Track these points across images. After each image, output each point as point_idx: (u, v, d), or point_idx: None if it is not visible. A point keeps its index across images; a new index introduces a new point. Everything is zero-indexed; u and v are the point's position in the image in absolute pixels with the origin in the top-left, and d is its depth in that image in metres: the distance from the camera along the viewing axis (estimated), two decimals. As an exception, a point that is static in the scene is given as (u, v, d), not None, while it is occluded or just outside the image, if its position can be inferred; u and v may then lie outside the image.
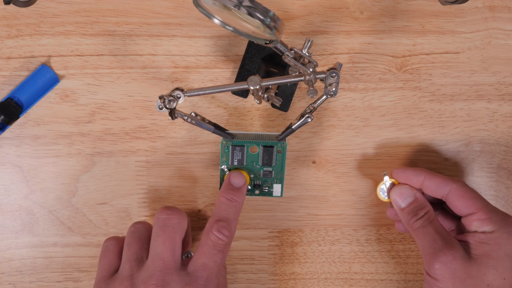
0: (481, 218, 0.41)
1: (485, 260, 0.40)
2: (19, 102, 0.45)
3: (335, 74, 0.39)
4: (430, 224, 0.42)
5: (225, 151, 0.45)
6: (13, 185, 0.47)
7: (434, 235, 0.41)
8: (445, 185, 0.43)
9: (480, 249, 0.40)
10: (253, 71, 0.45)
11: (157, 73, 0.46)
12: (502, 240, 0.40)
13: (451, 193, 0.42)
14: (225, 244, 0.41)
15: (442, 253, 0.40)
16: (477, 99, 0.48)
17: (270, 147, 0.45)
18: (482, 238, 0.40)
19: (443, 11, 0.46)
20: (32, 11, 0.45)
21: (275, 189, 0.46)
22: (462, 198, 0.42)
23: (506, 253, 0.40)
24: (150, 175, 0.48)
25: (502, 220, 0.41)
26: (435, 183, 0.43)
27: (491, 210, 0.41)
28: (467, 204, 0.42)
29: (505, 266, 0.40)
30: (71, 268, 0.49)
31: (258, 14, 0.33)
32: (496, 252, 0.40)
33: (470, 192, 0.42)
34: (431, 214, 0.42)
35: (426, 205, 0.43)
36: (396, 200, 0.44)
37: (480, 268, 0.39)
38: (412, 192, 0.43)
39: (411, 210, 0.43)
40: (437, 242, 0.41)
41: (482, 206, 0.41)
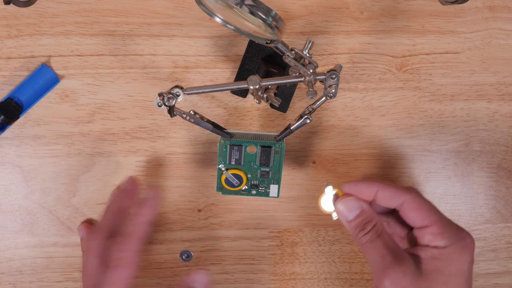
0: (434, 232, 0.39)
1: (436, 276, 0.38)
2: (19, 102, 0.45)
3: (335, 75, 0.39)
4: (378, 238, 0.40)
5: (223, 150, 0.45)
6: (13, 185, 0.47)
7: (383, 250, 0.39)
8: (398, 196, 0.41)
9: (432, 264, 0.38)
10: (253, 71, 0.45)
11: (157, 73, 0.46)
12: (455, 256, 0.38)
13: (405, 204, 0.41)
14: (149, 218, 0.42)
15: (391, 269, 0.38)
16: (477, 99, 0.48)
17: (268, 147, 0.44)
18: (434, 253, 0.39)
19: (443, 11, 0.46)
20: (32, 11, 0.45)
21: (271, 190, 0.46)
22: (416, 210, 0.40)
23: (458, 269, 0.38)
24: (150, 175, 0.48)
25: (456, 235, 0.39)
26: (389, 194, 0.41)
27: (446, 224, 0.40)
28: (421, 217, 0.40)
29: (456, 282, 0.38)
30: (71, 268, 0.49)
31: (260, 13, 0.33)
32: (448, 268, 0.38)
33: (424, 203, 0.40)
34: (379, 227, 0.40)
35: (374, 217, 0.41)
36: (342, 212, 0.41)
37: (431, 285, 0.38)
38: (359, 204, 0.41)
39: (358, 223, 0.40)
40: (386, 258, 0.39)
41: (436, 220, 0.39)
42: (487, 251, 0.50)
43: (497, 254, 0.51)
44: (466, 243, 0.39)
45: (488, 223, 0.50)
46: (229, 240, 0.49)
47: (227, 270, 0.50)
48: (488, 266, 0.51)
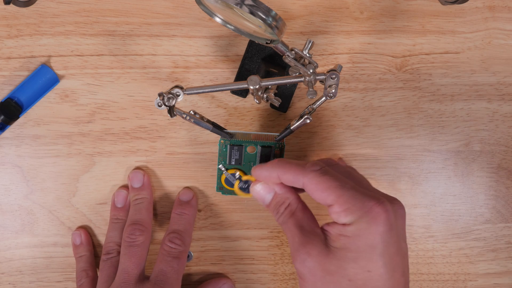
0: (337, 211, 0.36)
1: (343, 253, 0.36)
2: (19, 102, 0.45)
3: (335, 76, 0.39)
4: (289, 219, 0.39)
5: (223, 150, 0.45)
6: (13, 185, 0.47)
7: (293, 230, 0.38)
8: (297, 179, 0.38)
9: (339, 242, 0.36)
10: (253, 71, 0.45)
11: (157, 73, 0.46)
12: (361, 231, 0.36)
13: (306, 187, 0.38)
14: (179, 252, 0.44)
15: (298, 251, 0.37)
16: (477, 99, 0.48)
17: (268, 147, 0.44)
18: (340, 230, 0.36)
19: (443, 11, 0.46)
20: (32, 11, 0.45)
21: None
22: (316, 191, 0.37)
23: (368, 243, 0.35)
24: (150, 175, 0.48)
25: (360, 209, 0.36)
26: (290, 177, 0.39)
27: (349, 199, 0.36)
28: (322, 197, 0.37)
29: (368, 257, 0.35)
30: (71, 268, 0.49)
31: (260, 13, 0.33)
32: (356, 244, 0.36)
33: (323, 182, 0.37)
34: (293, 207, 0.39)
35: (287, 198, 0.39)
36: (258, 199, 0.41)
37: (339, 263, 0.36)
38: (267, 189, 0.40)
39: (273, 206, 0.40)
40: (295, 239, 0.38)
41: (337, 197, 0.36)
42: (487, 251, 0.50)
43: (497, 254, 0.51)
44: (373, 214, 0.36)
45: (488, 223, 0.50)
46: (229, 240, 0.49)
47: (227, 270, 0.50)
48: (488, 266, 0.51)
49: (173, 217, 0.47)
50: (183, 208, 0.47)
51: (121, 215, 0.47)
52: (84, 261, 0.47)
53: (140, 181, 0.47)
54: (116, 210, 0.47)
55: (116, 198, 0.47)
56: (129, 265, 0.43)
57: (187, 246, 0.45)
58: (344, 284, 0.36)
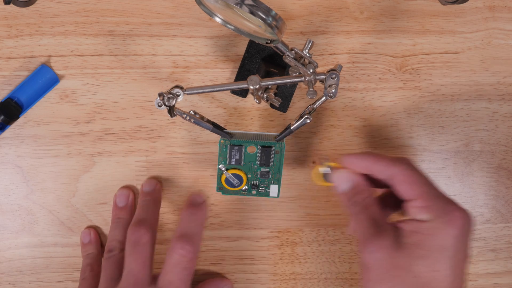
0: (419, 206, 0.38)
1: (414, 250, 0.37)
2: (19, 102, 0.45)
3: (335, 75, 0.39)
4: (364, 210, 0.39)
5: (223, 150, 0.45)
6: (13, 185, 0.47)
7: (366, 222, 0.39)
8: (388, 169, 0.40)
9: (411, 238, 0.37)
10: (253, 71, 0.45)
11: (157, 73, 0.46)
12: (437, 230, 0.37)
13: (394, 177, 0.40)
14: (188, 260, 0.41)
15: (369, 242, 0.38)
16: (477, 99, 0.48)
17: (268, 147, 0.45)
18: (415, 227, 0.38)
19: (443, 11, 0.46)
20: (32, 11, 0.45)
21: (272, 190, 0.46)
22: (404, 183, 0.39)
23: (441, 244, 0.37)
24: (150, 175, 0.48)
25: (441, 209, 0.38)
26: (379, 167, 0.40)
27: (433, 197, 0.38)
28: (408, 190, 0.39)
29: (437, 257, 0.37)
30: (71, 268, 0.49)
31: (260, 13, 0.33)
32: (428, 243, 0.37)
33: (413, 176, 0.39)
34: (369, 200, 0.40)
35: (364, 190, 0.40)
36: (336, 184, 0.42)
37: (408, 259, 0.37)
38: (351, 177, 0.41)
39: (349, 196, 0.41)
40: (366, 231, 0.38)
41: (423, 193, 0.38)
42: (487, 251, 0.50)
43: (497, 254, 0.51)
44: (452, 217, 0.37)
45: (488, 223, 0.50)
46: (229, 240, 0.49)
47: (227, 270, 0.50)
48: (488, 266, 0.51)
49: (183, 218, 0.44)
50: (195, 209, 0.45)
51: (123, 214, 0.47)
52: (91, 258, 0.47)
53: (152, 187, 0.47)
54: (118, 210, 0.47)
55: (118, 198, 0.47)
56: (135, 267, 0.41)
57: (197, 252, 0.42)
58: (408, 279, 0.37)
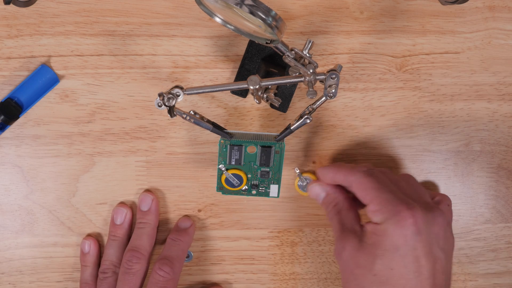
0: (372, 210, 0.41)
1: (373, 249, 0.40)
2: (19, 102, 0.45)
3: (335, 75, 0.39)
4: (335, 216, 0.43)
5: (223, 150, 0.45)
6: (13, 185, 0.47)
7: (337, 226, 0.43)
8: (347, 178, 0.43)
9: (371, 239, 0.40)
10: (253, 71, 0.45)
11: (157, 73, 0.46)
12: (389, 231, 0.39)
13: (352, 186, 0.43)
14: (166, 281, 0.44)
15: (337, 243, 0.42)
16: (477, 99, 0.48)
17: (268, 147, 0.44)
18: (373, 228, 0.40)
19: (443, 11, 0.46)
20: (32, 11, 0.45)
21: (272, 190, 0.46)
22: (359, 190, 0.42)
23: (393, 243, 0.39)
24: (150, 175, 0.48)
25: (391, 211, 0.40)
26: (341, 177, 0.44)
27: (383, 201, 0.40)
28: (362, 196, 0.42)
29: (391, 257, 0.39)
30: (71, 268, 0.49)
31: (260, 13, 0.33)
32: (384, 243, 0.39)
33: (366, 183, 0.42)
34: (339, 206, 0.44)
35: (335, 198, 0.44)
36: (313, 197, 0.46)
37: (368, 258, 0.40)
38: (322, 188, 0.45)
39: (324, 204, 0.45)
40: (336, 233, 0.42)
41: (374, 197, 0.41)
42: (487, 251, 0.50)
43: (497, 254, 0.51)
44: (399, 217, 0.39)
45: (488, 223, 0.50)
46: (229, 240, 0.49)
47: (227, 270, 0.50)
48: (488, 266, 0.51)
49: (168, 242, 0.47)
50: (179, 235, 0.47)
51: (119, 233, 0.47)
52: (88, 274, 0.48)
53: (147, 205, 0.47)
54: (114, 227, 0.48)
55: (115, 214, 0.48)
56: None
57: (177, 274, 0.45)
58: (369, 277, 0.40)
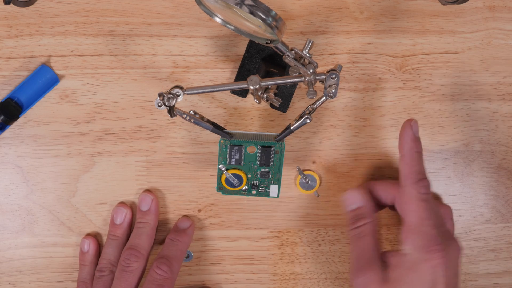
0: (404, 237, 0.40)
1: (397, 285, 0.39)
2: (19, 102, 0.45)
3: (335, 75, 0.39)
4: (362, 238, 0.41)
5: (223, 150, 0.45)
6: (13, 185, 0.47)
7: (361, 251, 0.41)
8: (396, 191, 0.43)
9: (395, 272, 0.39)
10: (253, 71, 0.45)
11: (157, 73, 0.46)
12: (416, 265, 0.39)
13: (400, 201, 0.42)
14: (163, 279, 0.44)
15: (361, 273, 0.40)
16: (477, 99, 0.48)
17: (268, 147, 0.44)
18: (398, 261, 0.40)
19: (443, 11, 0.46)
20: (32, 11, 0.45)
21: (272, 190, 0.46)
22: (406, 210, 0.41)
23: (420, 278, 0.38)
24: (150, 175, 0.48)
25: (423, 242, 0.39)
26: (381, 190, 0.44)
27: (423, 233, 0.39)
28: (406, 215, 0.41)
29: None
30: (71, 268, 0.49)
31: (260, 13, 0.33)
32: (410, 277, 0.38)
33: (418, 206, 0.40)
34: (369, 228, 0.42)
35: (369, 216, 0.42)
36: (344, 201, 0.45)
37: None
38: (361, 198, 0.44)
39: (354, 216, 0.43)
40: (360, 260, 0.40)
41: (411, 224, 0.40)
42: (487, 251, 0.50)
43: (497, 254, 0.51)
44: (430, 252, 0.39)
45: (488, 223, 0.50)
46: (229, 240, 0.49)
47: (227, 270, 0.50)
48: (488, 266, 0.51)
49: (166, 242, 0.47)
50: (178, 235, 0.47)
51: (118, 232, 0.47)
52: (86, 273, 0.47)
53: (147, 205, 0.47)
54: (114, 227, 0.47)
55: (114, 214, 0.48)
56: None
57: (175, 273, 0.45)
58: None
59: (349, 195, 0.44)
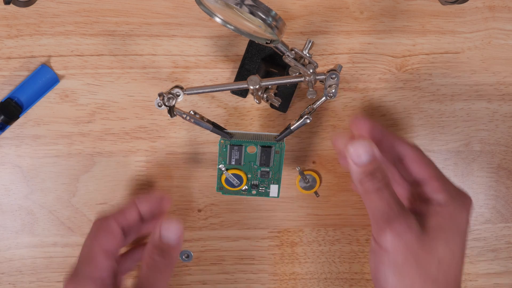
0: (434, 187, 0.38)
1: (438, 233, 0.36)
2: (19, 102, 0.45)
3: (335, 75, 0.39)
4: (386, 188, 0.37)
5: (223, 150, 0.45)
6: (13, 185, 0.47)
7: (390, 200, 0.36)
8: (401, 146, 0.39)
9: (434, 220, 0.37)
10: (253, 71, 0.45)
11: (157, 73, 0.46)
12: (455, 214, 0.37)
13: (407, 156, 0.39)
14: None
15: (397, 221, 0.35)
16: (477, 99, 0.48)
17: (268, 147, 0.44)
18: (436, 210, 0.37)
19: (443, 11, 0.46)
20: (32, 11, 0.45)
21: (272, 190, 0.46)
22: (417, 162, 0.39)
23: (457, 227, 0.37)
24: (150, 175, 0.48)
25: (456, 192, 0.38)
26: (392, 141, 0.39)
27: (446, 179, 0.39)
28: (421, 169, 0.38)
29: (456, 241, 0.37)
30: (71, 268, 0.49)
31: (260, 13, 0.33)
32: (449, 226, 0.37)
33: (425, 157, 0.39)
34: (387, 178, 0.37)
35: (383, 167, 0.37)
36: (352, 154, 0.38)
37: (433, 242, 0.36)
38: (372, 150, 0.37)
39: (368, 170, 0.37)
40: (392, 209, 0.36)
41: (438, 174, 0.38)
42: (487, 251, 0.50)
43: (497, 254, 0.51)
44: (465, 200, 0.38)
45: (488, 223, 0.50)
46: (229, 240, 0.49)
47: (227, 270, 0.50)
48: (488, 266, 0.51)
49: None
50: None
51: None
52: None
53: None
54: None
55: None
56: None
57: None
58: (433, 264, 0.36)
59: (359, 146, 0.37)
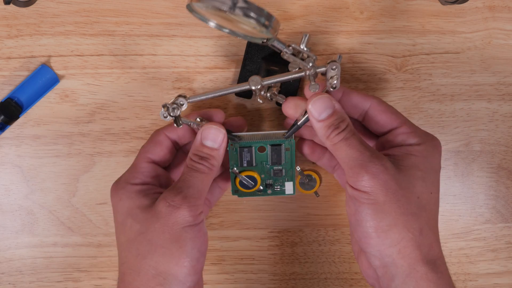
0: (406, 132, 0.39)
1: (413, 171, 0.37)
2: (19, 102, 0.45)
3: (336, 66, 0.39)
4: (353, 136, 0.38)
5: (233, 153, 0.44)
6: (13, 185, 0.47)
7: (360, 146, 0.37)
8: (364, 101, 0.40)
9: (408, 160, 0.38)
10: (254, 71, 0.45)
11: (157, 73, 0.46)
12: (428, 153, 0.38)
13: (372, 108, 0.40)
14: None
15: (371, 163, 0.36)
16: (477, 99, 0.48)
17: (277, 145, 0.44)
18: (409, 150, 0.38)
19: (443, 11, 0.46)
20: (32, 11, 0.45)
21: (287, 187, 0.46)
22: (384, 113, 0.40)
23: (431, 166, 0.38)
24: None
25: (425, 135, 0.39)
26: (355, 99, 0.40)
27: (413, 125, 0.40)
28: (389, 119, 0.40)
29: (431, 179, 0.38)
30: (71, 268, 0.49)
31: (253, 13, 0.33)
32: (423, 164, 0.37)
33: (390, 107, 0.40)
34: (352, 127, 0.38)
35: (346, 117, 0.38)
36: (312, 112, 0.38)
37: (410, 180, 0.37)
38: (332, 103, 0.38)
39: (331, 123, 0.38)
40: (364, 153, 0.37)
41: (405, 121, 0.40)
42: (487, 251, 0.50)
43: (497, 254, 0.51)
44: (436, 142, 0.40)
45: (488, 223, 0.50)
46: (229, 240, 0.49)
47: (227, 270, 0.50)
48: (488, 266, 0.51)
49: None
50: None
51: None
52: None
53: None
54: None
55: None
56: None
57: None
58: (413, 200, 0.37)
59: (318, 102, 0.38)
